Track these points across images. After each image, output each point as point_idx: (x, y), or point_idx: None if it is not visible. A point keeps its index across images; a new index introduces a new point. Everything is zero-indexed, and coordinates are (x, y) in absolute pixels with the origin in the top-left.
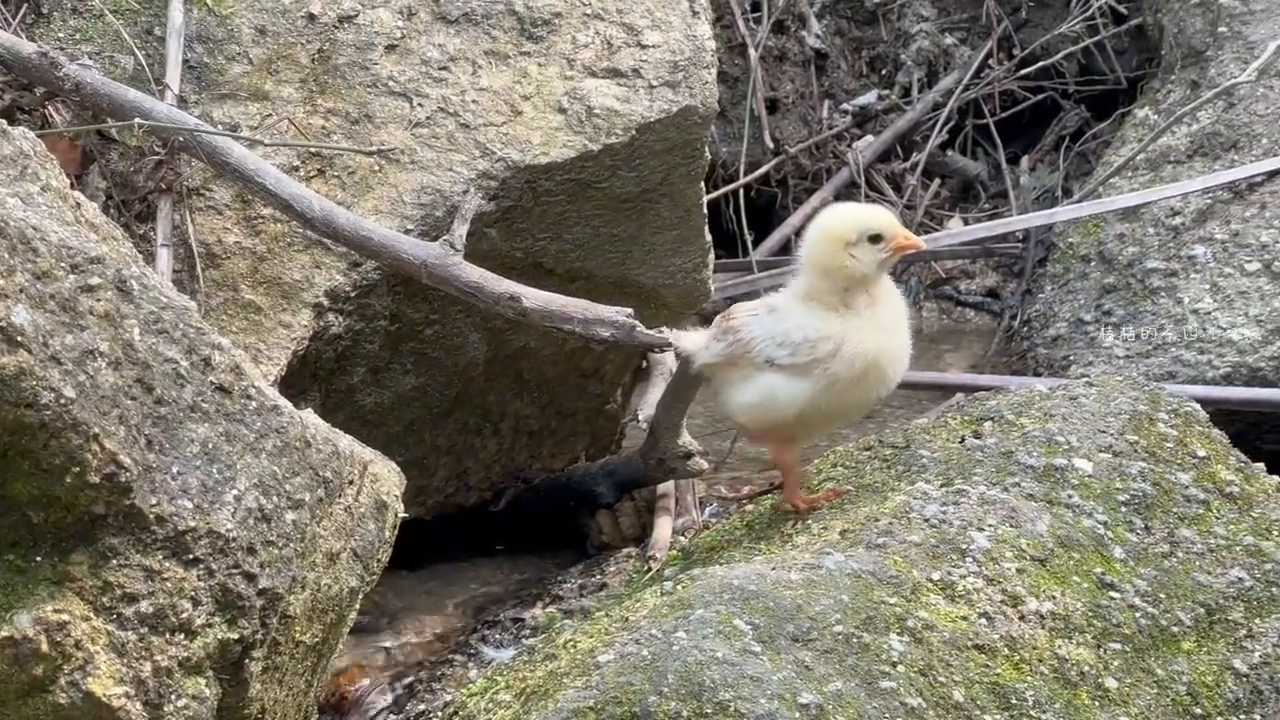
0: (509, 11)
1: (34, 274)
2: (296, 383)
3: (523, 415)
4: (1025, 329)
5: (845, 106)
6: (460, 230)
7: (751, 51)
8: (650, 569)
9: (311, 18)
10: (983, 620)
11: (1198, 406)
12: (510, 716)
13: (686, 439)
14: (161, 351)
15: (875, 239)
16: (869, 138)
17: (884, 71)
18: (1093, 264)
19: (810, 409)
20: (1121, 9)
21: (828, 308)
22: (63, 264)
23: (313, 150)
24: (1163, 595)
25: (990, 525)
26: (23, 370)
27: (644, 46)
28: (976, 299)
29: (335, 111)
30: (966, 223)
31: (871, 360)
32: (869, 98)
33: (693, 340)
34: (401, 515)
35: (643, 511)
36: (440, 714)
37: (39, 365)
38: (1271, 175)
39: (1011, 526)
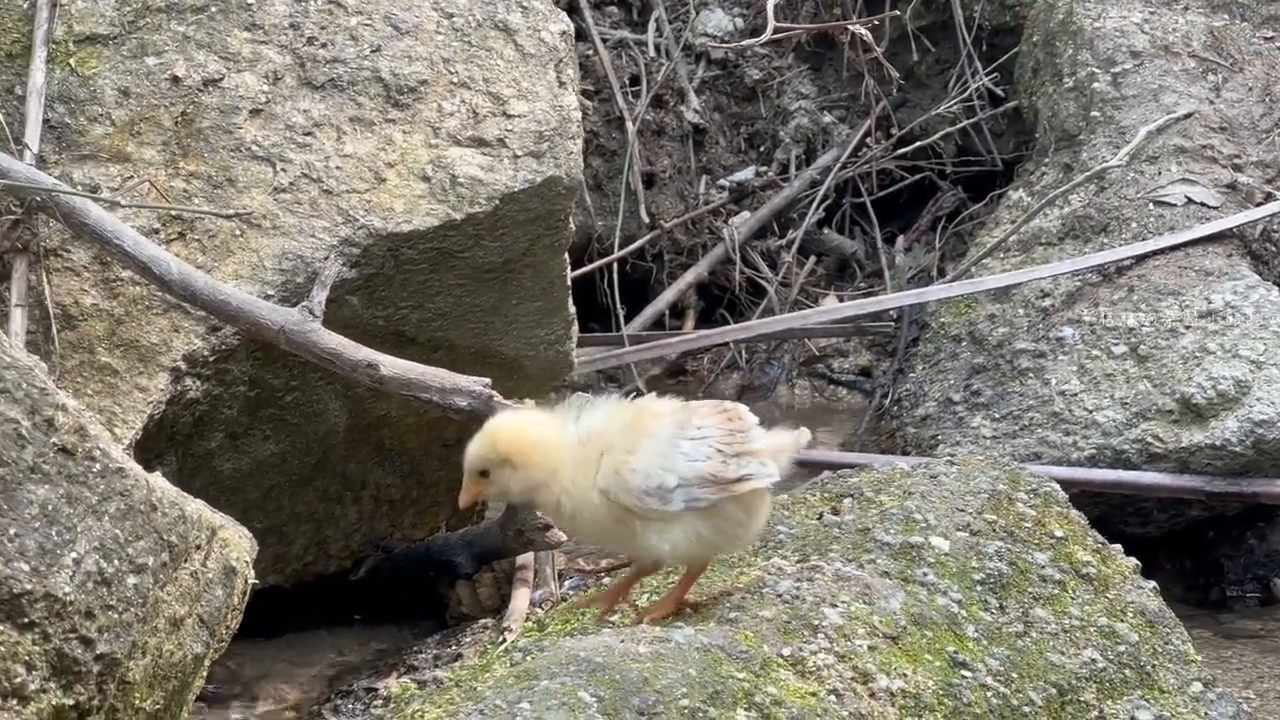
0: (375, 78)
1: None
2: (153, 447)
3: (384, 484)
4: (895, 408)
5: (722, 182)
6: (320, 296)
7: (629, 125)
8: (505, 640)
9: (176, 80)
10: (832, 697)
11: (1057, 487)
12: None
13: None
14: (2, 411)
15: None
16: (745, 214)
17: (762, 148)
18: (963, 344)
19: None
20: (999, 91)
21: None
22: None
23: (174, 213)
24: (1015, 675)
25: (844, 602)
26: None
27: (510, 116)
28: (849, 377)
29: (197, 175)
30: (841, 300)
31: None
32: (746, 174)
33: None
34: (253, 582)
35: (502, 583)
36: None
37: None
38: (1140, 259)
39: (865, 603)
